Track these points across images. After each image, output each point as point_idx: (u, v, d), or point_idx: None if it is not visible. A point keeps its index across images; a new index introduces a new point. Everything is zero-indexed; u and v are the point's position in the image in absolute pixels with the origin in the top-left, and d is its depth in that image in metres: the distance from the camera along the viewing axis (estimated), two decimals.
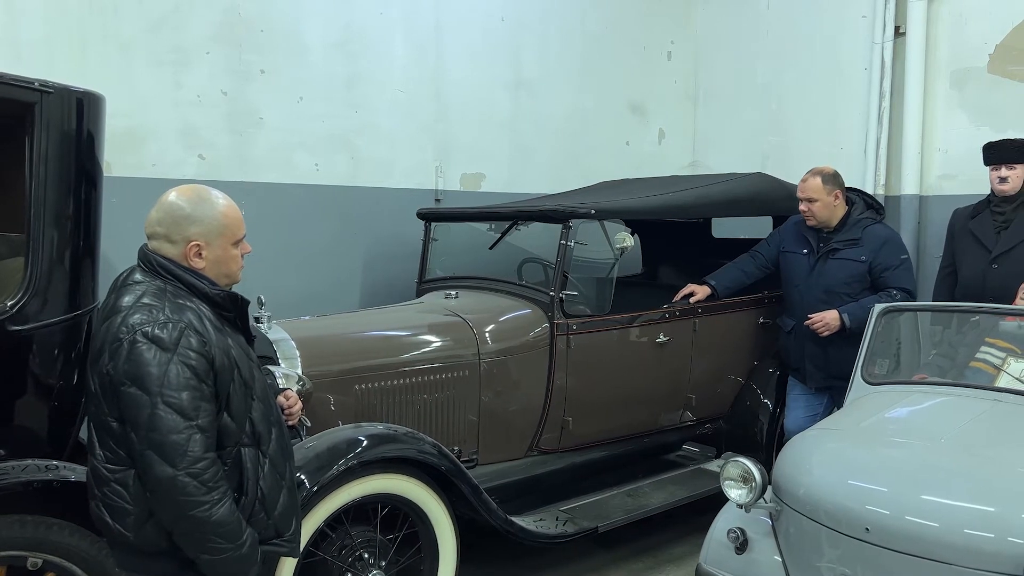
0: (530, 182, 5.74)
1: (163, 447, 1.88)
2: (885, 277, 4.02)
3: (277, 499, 2.11)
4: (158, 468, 1.88)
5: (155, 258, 2.05)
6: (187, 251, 2.05)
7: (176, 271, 2.04)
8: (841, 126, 5.80)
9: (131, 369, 1.90)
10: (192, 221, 2.05)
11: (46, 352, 2.69)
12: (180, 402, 1.90)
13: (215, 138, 4.46)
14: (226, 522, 1.94)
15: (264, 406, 2.13)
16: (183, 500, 1.89)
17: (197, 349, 1.95)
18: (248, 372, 2.10)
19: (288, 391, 2.60)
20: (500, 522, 3.30)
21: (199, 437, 1.91)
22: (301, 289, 4.68)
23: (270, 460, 2.11)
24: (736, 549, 2.88)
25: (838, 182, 4.10)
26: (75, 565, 2.51)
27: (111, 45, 4.10)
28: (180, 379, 1.90)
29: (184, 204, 2.07)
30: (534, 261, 4.41)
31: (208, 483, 1.91)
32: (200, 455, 1.91)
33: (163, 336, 1.92)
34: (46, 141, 2.56)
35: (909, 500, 2.50)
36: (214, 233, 2.08)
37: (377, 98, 5.05)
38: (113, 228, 3.97)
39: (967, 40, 5.21)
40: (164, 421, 1.88)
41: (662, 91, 6.60)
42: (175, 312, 1.97)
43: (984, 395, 3.09)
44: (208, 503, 1.91)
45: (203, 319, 2.01)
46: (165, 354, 1.91)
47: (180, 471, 1.88)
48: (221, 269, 2.11)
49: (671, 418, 4.35)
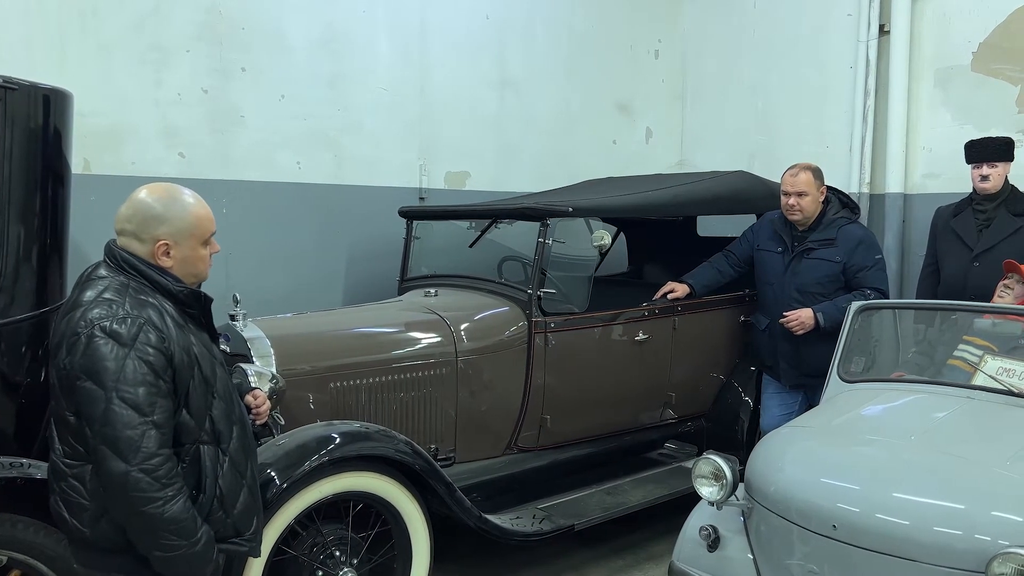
0: (516, 181, 5.73)
1: (117, 442, 1.87)
2: (859, 277, 4.01)
3: (237, 498, 2.11)
4: (111, 463, 1.87)
5: (120, 253, 2.05)
6: (155, 250, 2.06)
7: (141, 267, 2.04)
8: (826, 125, 5.81)
9: (87, 363, 1.89)
10: (162, 221, 2.05)
11: (13, 349, 2.68)
12: (135, 397, 1.89)
13: (196, 136, 4.45)
14: (179, 519, 1.92)
15: (226, 404, 2.13)
16: (136, 496, 1.88)
17: (155, 345, 1.94)
18: (210, 370, 2.09)
19: (256, 390, 2.58)
20: (474, 520, 3.30)
21: (154, 433, 1.90)
22: (283, 288, 4.67)
23: (230, 458, 2.10)
24: (708, 547, 2.88)
25: (822, 178, 4.11)
26: (41, 563, 2.51)
27: (91, 44, 4.09)
28: (136, 374, 1.89)
29: (154, 203, 2.07)
30: (514, 259, 4.40)
31: (162, 479, 1.90)
32: (154, 451, 1.89)
33: (121, 331, 1.91)
34: (11, 138, 2.55)
35: (879, 498, 2.50)
36: (183, 233, 2.08)
37: (361, 96, 5.04)
38: (92, 226, 3.98)
39: (951, 38, 5.21)
40: (118, 416, 1.87)
41: (649, 90, 6.59)
42: (135, 308, 1.96)
43: (958, 393, 3.08)
44: (161, 499, 1.89)
45: (164, 315, 2.01)
46: (122, 349, 1.90)
47: (133, 467, 1.87)
48: (188, 268, 2.11)
49: (651, 416, 4.35)
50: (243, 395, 2.47)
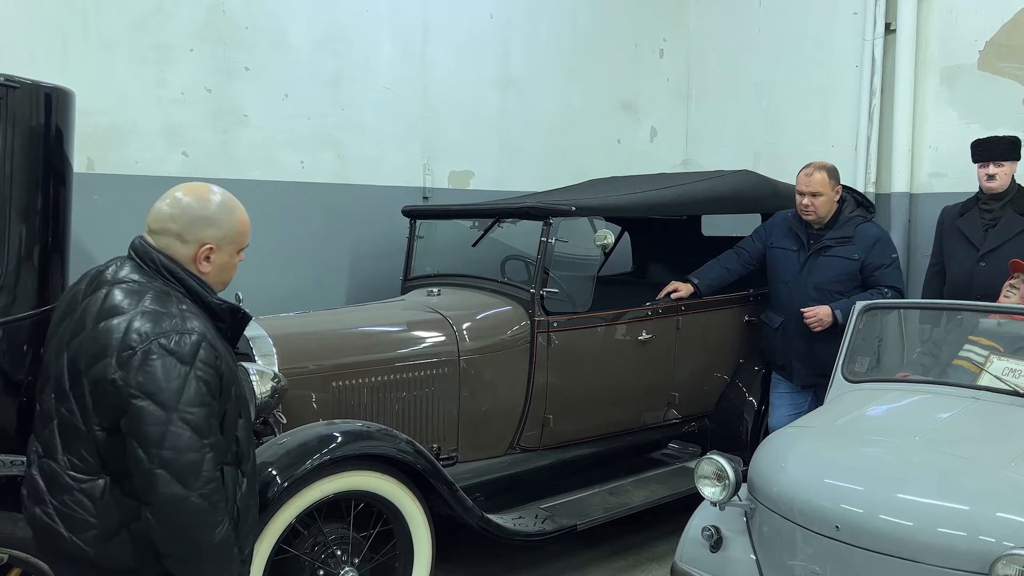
0: (520, 180, 5.72)
1: (177, 466, 1.76)
2: (877, 275, 4.01)
3: (247, 518, 2.02)
4: (170, 488, 1.76)
5: (160, 258, 1.92)
6: (198, 253, 1.94)
7: (183, 276, 1.93)
8: (832, 123, 5.78)
9: (146, 382, 1.77)
10: (210, 223, 1.95)
11: (14, 347, 2.68)
12: (197, 419, 1.79)
13: (199, 135, 4.45)
14: (225, 545, 1.85)
15: (246, 422, 2.05)
16: (191, 521, 1.79)
17: (211, 363, 1.84)
18: (239, 388, 2.01)
19: None
20: (476, 520, 3.29)
21: (211, 456, 1.81)
22: (286, 287, 4.67)
23: (247, 479, 2.02)
24: (711, 547, 2.86)
25: (837, 177, 4.10)
26: (41, 560, 2.50)
27: (93, 43, 4.10)
28: (198, 395, 1.79)
29: (204, 204, 1.96)
30: (517, 258, 4.39)
31: (217, 504, 1.82)
32: (212, 475, 1.81)
33: (180, 348, 1.80)
34: (12, 136, 2.55)
35: (883, 498, 2.48)
36: (228, 239, 1.98)
37: (363, 95, 5.03)
38: (95, 224, 4.01)
39: (957, 37, 5.18)
40: (180, 439, 1.76)
41: (654, 89, 6.57)
42: (186, 321, 1.85)
43: (963, 393, 3.06)
44: (213, 525, 1.81)
45: (209, 328, 1.91)
46: (183, 367, 1.79)
47: (193, 492, 1.77)
48: (222, 276, 2.02)
49: (655, 416, 4.33)
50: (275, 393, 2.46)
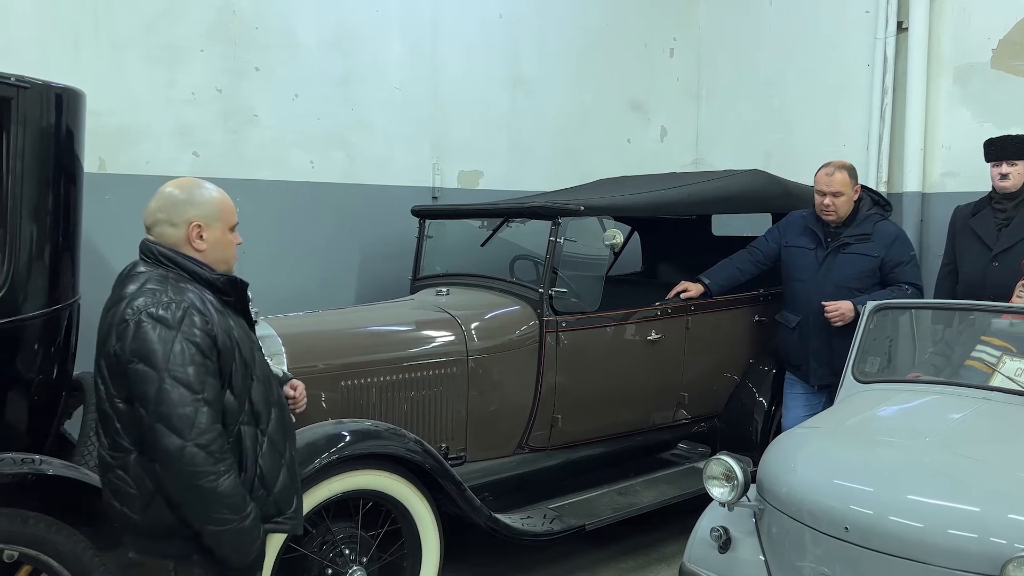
0: (529, 180, 5.71)
1: (171, 419, 1.95)
2: (896, 273, 4.00)
3: (276, 477, 2.18)
4: (167, 440, 1.95)
5: (155, 248, 2.13)
6: (189, 232, 2.13)
7: (177, 259, 2.12)
8: (843, 123, 5.75)
9: (138, 347, 1.98)
10: (191, 204, 2.14)
11: (25, 346, 2.70)
12: (186, 376, 1.97)
13: (209, 135, 4.47)
14: (231, 493, 2.01)
15: (264, 387, 2.20)
16: (191, 471, 1.96)
17: (200, 327, 2.02)
18: (249, 353, 2.17)
19: (295, 381, 2.68)
20: (484, 519, 3.29)
21: (206, 410, 1.98)
22: (296, 287, 4.68)
23: (268, 438, 2.17)
24: (719, 548, 2.85)
25: (856, 176, 4.10)
26: (51, 558, 2.51)
27: (104, 43, 4.12)
28: (185, 355, 1.98)
29: (180, 191, 2.17)
30: (526, 258, 4.39)
31: (215, 454, 1.98)
32: (207, 427, 1.98)
33: (166, 316, 2.00)
34: (23, 136, 2.57)
35: (893, 500, 2.46)
36: (212, 216, 2.16)
37: (373, 95, 5.04)
38: (108, 224, 4.03)
39: (970, 35, 5.14)
40: (171, 395, 1.95)
41: (664, 88, 6.55)
42: (177, 294, 2.05)
43: (975, 394, 3.04)
44: (215, 474, 1.98)
45: (205, 301, 2.09)
46: (169, 332, 1.98)
47: (188, 442, 1.95)
48: (219, 253, 2.19)
49: (664, 416, 4.32)
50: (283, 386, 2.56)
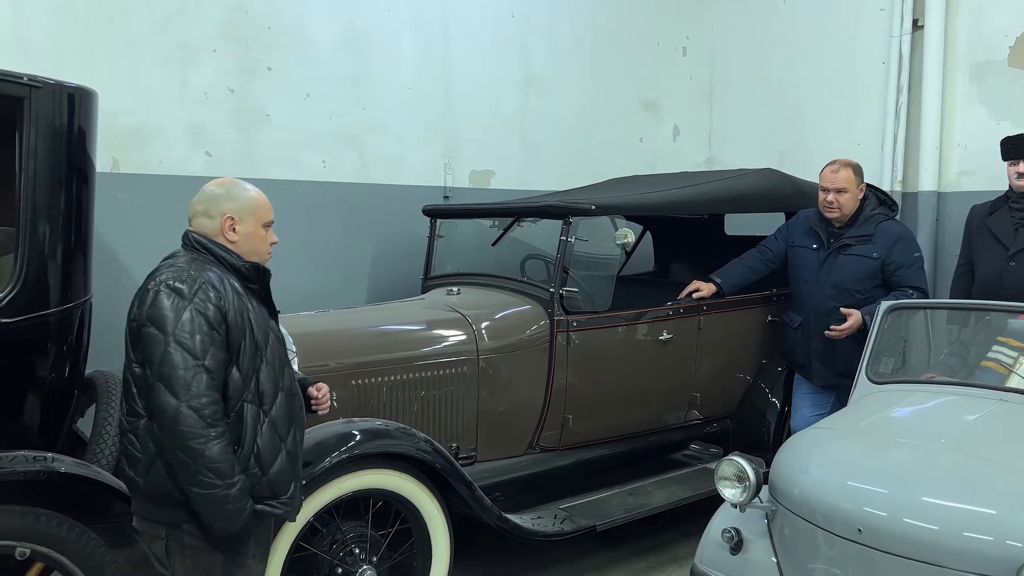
0: (540, 179, 5.70)
1: (171, 380, 2.10)
2: (899, 276, 3.93)
3: (274, 459, 2.26)
4: (164, 398, 2.10)
5: (192, 235, 2.34)
6: (223, 224, 2.32)
7: (209, 245, 2.31)
8: (858, 121, 5.70)
9: (152, 313, 2.15)
10: (227, 199, 2.35)
11: (38, 344, 2.71)
12: (191, 343, 2.12)
13: (222, 135, 4.49)
14: (218, 459, 2.11)
15: (274, 371, 2.31)
16: (182, 430, 2.08)
17: (213, 301, 2.18)
18: (262, 337, 2.30)
19: (320, 384, 2.73)
20: (494, 519, 3.28)
21: (204, 376, 2.12)
22: (308, 286, 4.69)
23: (270, 420, 2.27)
24: (731, 549, 2.83)
25: (862, 175, 4.06)
26: (63, 555, 2.52)
27: (118, 43, 4.14)
28: (193, 323, 2.13)
29: (219, 188, 2.38)
30: (537, 257, 4.38)
31: (207, 419, 2.10)
32: (203, 391, 2.11)
33: (183, 288, 2.17)
34: (35, 136, 2.58)
35: (907, 501, 2.43)
36: (246, 211, 2.35)
37: (385, 95, 5.04)
38: (120, 223, 4.05)
39: (986, 33, 5.08)
40: (174, 357, 2.11)
41: (676, 87, 6.53)
42: (198, 272, 2.22)
43: (991, 395, 3.00)
44: (204, 437, 2.09)
45: (224, 281, 2.24)
46: (182, 301, 2.15)
47: (183, 403, 2.09)
48: (251, 246, 2.37)
49: (676, 417, 4.30)
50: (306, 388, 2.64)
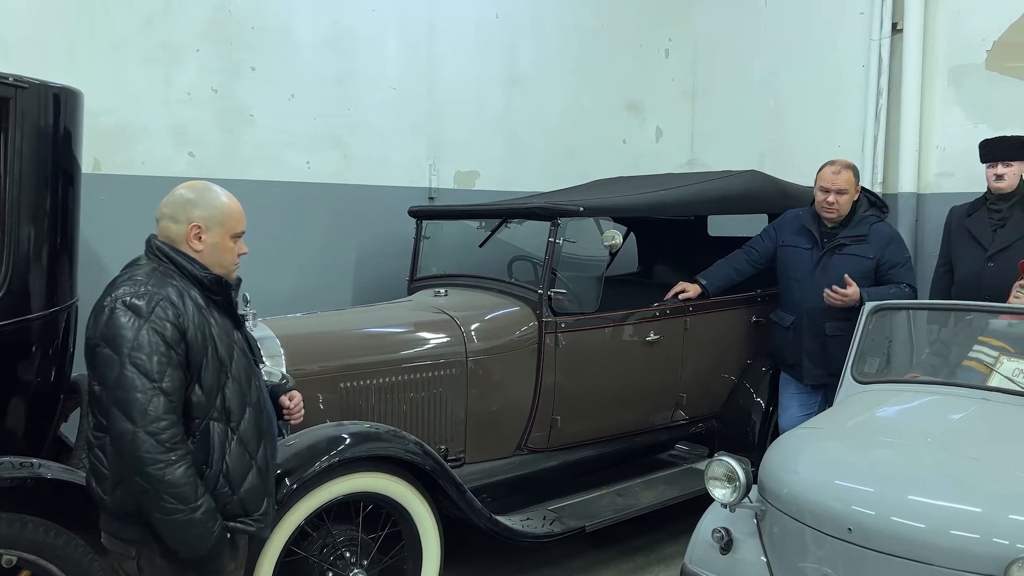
0: (525, 180, 5.70)
1: (126, 404, 1.99)
2: (892, 275, 4.02)
3: (244, 477, 2.17)
4: (120, 424, 2.00)
5: (155, 243, 2.21)
6: (189, 231, 2.19)
7: (171, 255, 2.18)
8: (839, 123, 5.75)
9: (107, 332, 2.04)
10: (195, 205, 2.21)
11: (22, 349, 2.68)
12: (147, 364, 2.01)
13: (205, 136, 4.45)
14: (179, 484, 2.01)
15: (240, 387, 2.20)
16: (140, 456, 1.99)
17: (171, 320, 2.06)
18: (226, 352, 2.19)
19: (293, 392, 2.68)
20: (484, 521, 3.28)
21: (162, 399, 2.01)
22: (292, 288, 4.66)
23: (239, 437, 2.18)
24: (721, 549, 2.85)
25: (859, 176, 4.13)
26: (50, 563, 2.49)
27: (100, 43, 4.09)
28: (150, 344, 2.02)
29: (190, 191, 2.24)
30: (524, 259, 4.38)
31: (165, 443, 2.00)
32: (160, 415, 2.00)
33: (139, 304, 2.05)
34: (20, 137, 2.55)
35: (895, 500, 2.47)
36: (215, 220, 2.21)
37: (369, 95, 5.02)
38: (102, 225, 4.00)
39: (965, 36, 5.15)
40: (129, 380, 2.00)
41: (659, 89, 6.56)
42: (156, 286, 2.10)
43: (974, 394, 3.04)
44: (164, 462, 1.99)
45: (184, 296, 2.12)
46: (139, 320, 2.03)
47: (140, 428, 1.98)
48: (216, 257, 2.23)
49: (663, 417, 4.32)
50: (279, 396, 2.59)
